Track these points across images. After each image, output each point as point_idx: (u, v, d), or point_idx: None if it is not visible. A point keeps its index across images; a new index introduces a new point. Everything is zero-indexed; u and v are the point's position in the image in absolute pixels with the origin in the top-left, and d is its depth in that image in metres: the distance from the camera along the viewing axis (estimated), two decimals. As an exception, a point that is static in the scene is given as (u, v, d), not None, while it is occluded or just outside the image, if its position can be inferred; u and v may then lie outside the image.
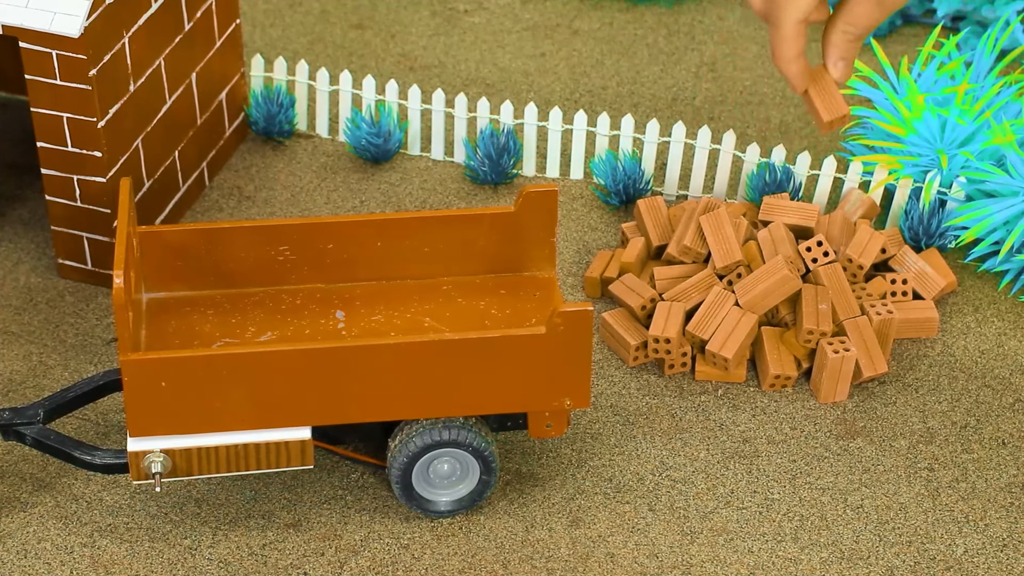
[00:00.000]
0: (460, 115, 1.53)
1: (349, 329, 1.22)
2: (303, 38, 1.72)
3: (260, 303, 1.24)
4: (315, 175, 1.52)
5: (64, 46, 1.26)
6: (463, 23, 1.75)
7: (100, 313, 1.37)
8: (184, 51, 1.42)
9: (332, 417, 1.14)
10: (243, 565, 1.17)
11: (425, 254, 1.25)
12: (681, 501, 1.22)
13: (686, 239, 1.35)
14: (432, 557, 1.18)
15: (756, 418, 1.29)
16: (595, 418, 1.29)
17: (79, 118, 1.30)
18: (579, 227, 1.47)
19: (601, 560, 1.18)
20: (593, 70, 1.67)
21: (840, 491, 1.23)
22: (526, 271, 1.27)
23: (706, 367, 1.31)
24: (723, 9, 1.77)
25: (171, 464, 1.14)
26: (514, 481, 1.23)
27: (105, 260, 1.38)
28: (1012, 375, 1.33)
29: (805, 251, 1.33)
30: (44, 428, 1.18)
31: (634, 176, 1.47)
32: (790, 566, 1.17)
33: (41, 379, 1.31)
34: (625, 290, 1.35)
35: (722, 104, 1.63)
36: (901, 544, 1.19)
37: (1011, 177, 1.41)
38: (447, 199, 1.50)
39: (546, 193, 1.23)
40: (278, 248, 1.23)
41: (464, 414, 1.16)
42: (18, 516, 1.20)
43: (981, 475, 1.24)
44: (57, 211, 1.37)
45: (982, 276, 1.42)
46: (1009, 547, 1.19)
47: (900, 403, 1.30)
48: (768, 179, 1.45)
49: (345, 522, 1.20)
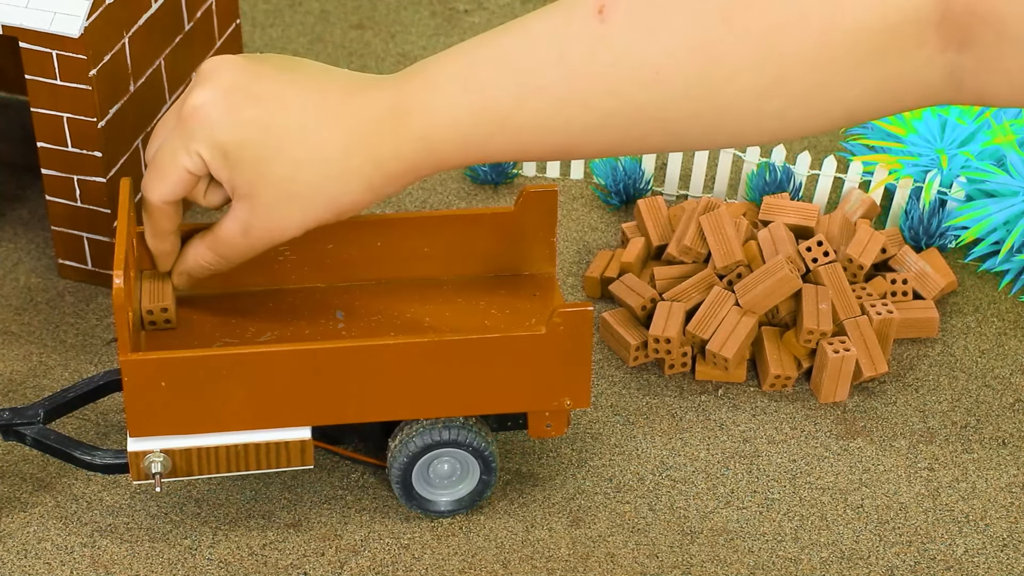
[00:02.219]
0: (460, 115, 1.53)
1: (349, 329, 1.22)
2: (303, 38, 1.72)
3: (260, 303, 1.24)
4: (315, 175, 1.52)
5: (64, 46, 1.26)
6: (463, 23, 1.75)
7: (100, 313, 1.37)
8: (184, 51, 1.42)
9: (332, 417, 1.14)
10: (243, 565, 1.17)
11: (425, 254, 1.25)
12: (681, 501, 1.22)
13: (686, 239, 1.35)
14: (432, 557, 1.18)
15: (756, 418, 1.29)
16: (595, 418, 1.29)
17: (79, 118, 1.30)
18: (579, 227, 1.47)
19: (601, 560, 1.18)
20: (593, 70, 1.67)
21: (840, 491, 1.23)
22: (526, 271, 1.27)
23: (706, 367, 1.31)
24: (723, 9, 1.77)
25: (171, 464, 1.14)
26: (514, 481, 1.23)
27: (105, 260, 1.38)
28: (1012, 375, 1.33)
29: (805, 251, 1.33)
30: (44, 428, 1.18)
31: (634, 176, 1.47)
32: (790, 566, 1.17)
33: (41, 379, 1.31)
34: (625, 290, 1.35)
35: (722, 104, 1.63)
36: (901, 544, 1.19)
37: (1011, 177, 1.41)
38: (447, 199, 1.50)
39: (546, 193, 1.23)
40: (278, 248, 1.23)
41: (464, 414, 1.16)
42: (18, 516, 1.20)
43: (981, 475, 1.24)
44: (57, 211, 1.37)
45: (982, 276, 1.42)
46: (1009, 547, 1.19)
47: (900, 403, 1.30)
48: (768, 179, 1.45)
49: (345, 522, 1.20)
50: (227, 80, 1.09)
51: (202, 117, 1.09)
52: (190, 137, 1.10)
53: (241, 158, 1.09)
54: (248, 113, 1.08)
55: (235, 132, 1.09)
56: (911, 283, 1.36)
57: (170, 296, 1.19)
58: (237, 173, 1.09)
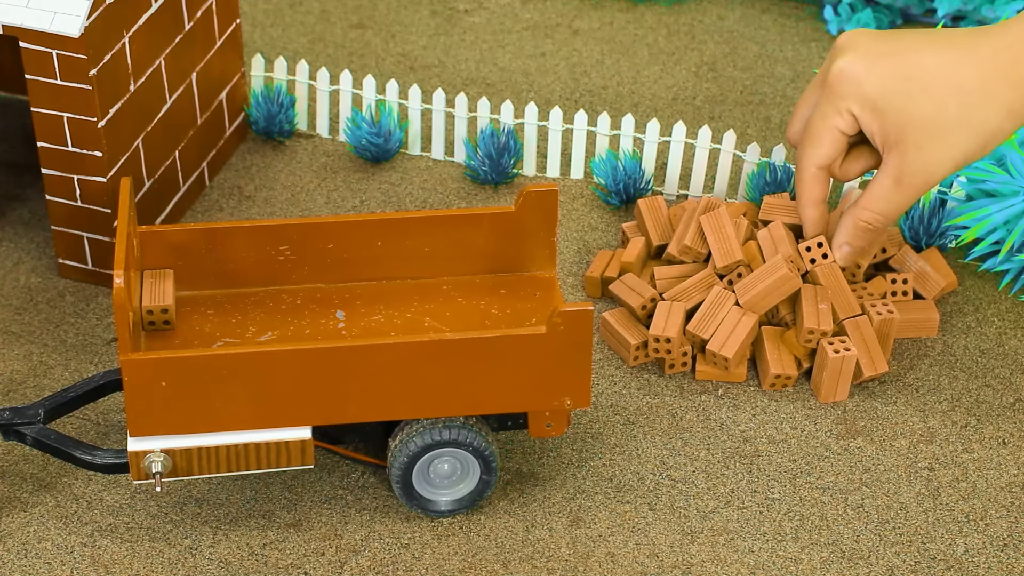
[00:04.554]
0: (460, 115, 1.53)
1: (349, 329, 1.22)
2: (303, 38, 1.72)
3: (260, 303, 1.24)
4: (315, 175, 1.52)
5: (64, 46, 1.26)
6: (463, 23, 1.75)
7: (100, 313, 1.37)
8: (184, 51, 1.42)
9: (332, 417, 1.14)
10: (243, 565, 1.17)
11: (425, 254, 1.25)
12: (681, 501, 1.22)
13: (686, 239, 1.35)
14: (432, 557, 1.18)
15: (756, 418, 1.29)
16: (595, 418, 1.29)
17: (79, 118, 1.30)
18: (579, 227, 1.47)
19: (601, 560, 1.18)
20: (593, 70, 1.67)
21: (840, 490, 1.23)
22: (526, 271, 1.27)
23: (706, 367, 1.31)
24: (723, 9, 1.77)
25: (171, 464, 1.14)
26: (514, 481, 1.23)
27: (105, 260, 1.38)
28: (1012, 375, 1.33)
29: (805, 251, 1.33)
30: (44, 428, 1.18)
31: (634, 176, 1.47)
32: (790, 565, 1.17)
33: (41, 379, 1.31)
34: (625, 290, 1.35)
35: (722, 104, 1.63)
36: (901, 543, 1.19)
37: (1011, 177, 1.41)
38: (447, 199, 1.50)
39: (546, 193, 1.23)
40: (278, 248, 1.23)
41: (464, 414, 1.16)
42: (18, 516, 1.20)
43: (981, 475, 1.24)
44: (57, 211, 1.37)
45: (982, 276, 1.42)
46: (1009, 547, 1.19)
47: (900, 403, 1.30)
48: (768, 179, 1.45)
49: (345, 522, 1.20)
50: (864, 44, 1.20)
51: (848, 77, 1.20)
52: (839, 97, 1.21)
53: (888, 106, 1.19)
54: (888, 66, 1.18)
55: (880, 84, 1.19)
56: (911, 283, 1.36)
57: (170, 296, 1.20)
58: (886, 120, 1.19)
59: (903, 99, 1.18)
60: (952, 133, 1.18)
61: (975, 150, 1.19)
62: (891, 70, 1.19)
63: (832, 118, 1.22)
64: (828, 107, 1.22)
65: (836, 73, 1.21)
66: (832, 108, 1.22)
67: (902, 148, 1.20)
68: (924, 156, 1.19)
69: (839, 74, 1.21)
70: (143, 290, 1.20)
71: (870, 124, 1.21)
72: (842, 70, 1.21)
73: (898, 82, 1.19)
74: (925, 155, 1.19)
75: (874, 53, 1.20)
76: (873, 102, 1.19)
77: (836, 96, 1.21)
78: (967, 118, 1.17)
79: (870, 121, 1.20)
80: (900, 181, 1.21)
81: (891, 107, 1.19)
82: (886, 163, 1.21)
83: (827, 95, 1.22)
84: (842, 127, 1.22)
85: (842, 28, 1.72)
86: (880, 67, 1.19)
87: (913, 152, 1.19)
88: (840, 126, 1.22)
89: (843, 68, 1.21)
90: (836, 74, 1.21)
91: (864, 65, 1.20)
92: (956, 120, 1.18)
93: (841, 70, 1.21)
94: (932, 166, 1.20)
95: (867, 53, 1.20)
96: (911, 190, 1.22)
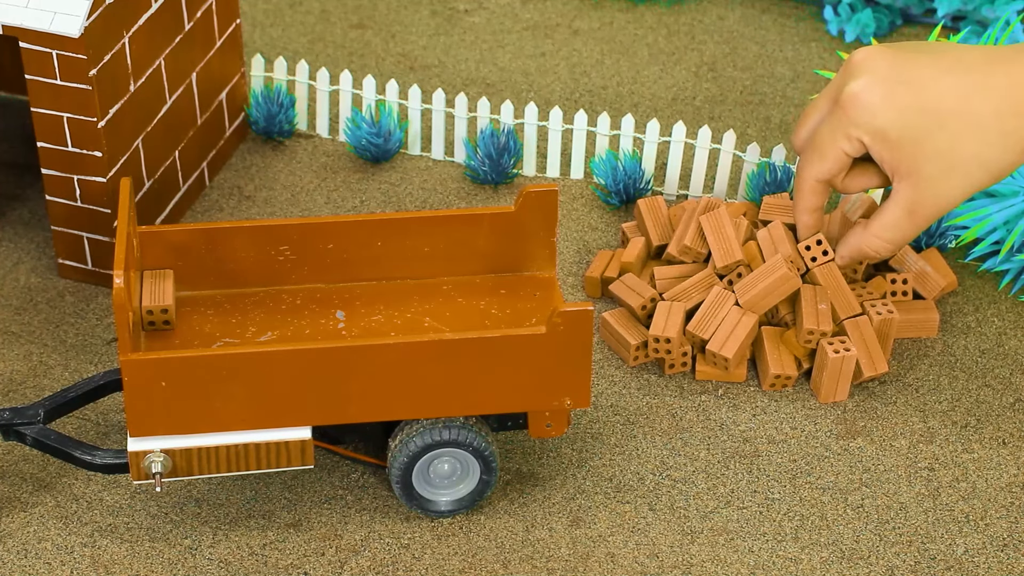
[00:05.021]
0: (460, 115, 1.53)
1: (349, 329, 1.22)
2: (303, 38, 1.72)
3: (260, 303, 1.24)
4: (315, 175, 1.52)
5: (64, 46, 1.26)
6: (463, 23, 1.75)
7: (100, 313, 1.37)
8: (184, 51, 1.42)
9: (332, 417, 1.14)
10: (243, 565, 1.17)
11: (425, 254, 1.25)
12: (681, 501, 1.22)
13: (686, 239, 1.35)
14: (432, 557, 1.18)
15: (756, 418, 1.29)
16: (595, 418, 1.29)
17: (79, 118, 1.30)
18: (579, 227, 1.47)
19: (601, 560, 1.18)
20: (593, 70, 1.67)
21: (840, 491, 1.23)
22: (526, 271, 1.27)
23: (706, 367, 1.31)
24: (723, 9, 1.77)
25: (171, 464, 1.14)
26: (514, 481, 1.23)
27: (105, 260, 1.38)
28: (1012, 375, 1.33)
29: (805, 250, 1.33)
30: (44, 428, 1.18)
31: (634, 176, 1.47)
32: (790, 566, 1.17)
33: (41, 379, 1.31)
34: (625, 290, 1.35)
35: (722, 104, 1.63)
36: (901, 544, 1.19)
37: (1011, 177, 1.41)
38: (447, 199, 1.50)
39: (546, 193, 1.23)
40: (278, 248, 1.23)
41: (464, 414, 1.16)
42: (18, 516, 1.20)
43: (981, 475, 1.24)
44: (57, 211, 1.37)
45: (982, 276, 1.42)
46: (1009, 547, 1.19)
47: (900, 403, 1.30)
48: (768, 179, 1.45)
49: (345, 522, 1.20)
50: (882, 69, 1.19)
51: (863, 104, 1.19)
52: (851, 123, 1.20)
53: (902, 138, 1.18)
54: (905, 99, 1.18)
55: (896, 118, 1.18)
56: (911, 283, 1.36)
57: (170, 296, 1.19)
58: (901, 152, 1.18)
59: (918, 132, 1.18)
60: (965, 166, 1.18)
61: (985, 182, 1.19)
62: (907, 102, 1.18)
63: (840, 141, 1.21)
64: (838, 129, 1.21)
65: (850, 96, 1.20)
66: (842, 132, 1.21)
67: (915, 179, 1.19)
68: (937, 188, 1.19)
69: (853, 98, 1.19)
70: (143, 290, 1.20)
71: (881, 153, 1.20)
72: (856, 96, 1.19)
73: (914, 116, 1.18)
74: (938, 187, 1.19)
75: (891, 80, 1.18)
76: (886, 133, 1.19)
77: (848, 121, 1.20)
78: (980, 154, 1.18)
79: (881, 150, 1.20)
80: (912, 212, 1.21)
81: (905, 139, 1.18)
82: (897, 192, 1.21)
83: (838, 116, 1.21)
84: (849, 151, 1.22)
85: (842, 28, 1.72)
86: (896, 98, 1.18)
87: (926, 184, 1.19)
88: (847, 149, 1.22)
89: (857, 94, 1.19)
90: (850, 97, 1.20)
91: (880, 94, 1.18)
92: (970, 156, 1.18)
93: (856, 95, 1.19)
94: (943, 199, 1.20)
95: (884, 79, 1.19)
96: (922, 220, 1.22)
